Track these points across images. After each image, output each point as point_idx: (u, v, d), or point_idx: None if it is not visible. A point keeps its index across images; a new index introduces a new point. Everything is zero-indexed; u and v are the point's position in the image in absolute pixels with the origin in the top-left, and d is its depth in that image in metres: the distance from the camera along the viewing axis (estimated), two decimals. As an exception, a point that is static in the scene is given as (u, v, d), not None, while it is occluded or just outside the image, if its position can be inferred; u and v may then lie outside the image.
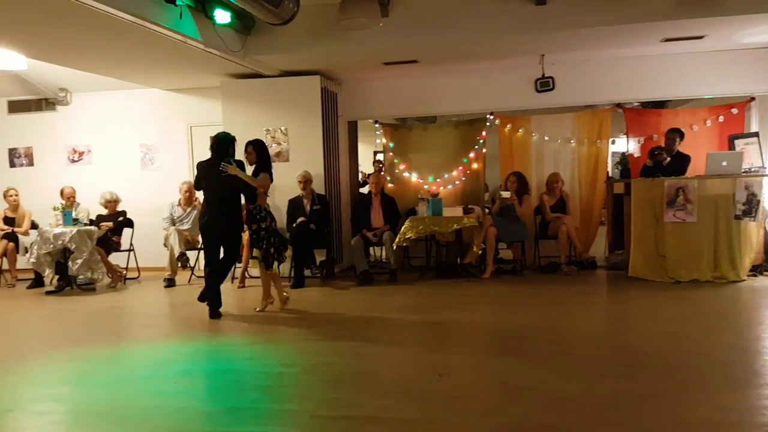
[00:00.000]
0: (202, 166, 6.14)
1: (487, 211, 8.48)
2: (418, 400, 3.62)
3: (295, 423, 3.35)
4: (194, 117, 9.28)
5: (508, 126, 8.79)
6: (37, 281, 8.17)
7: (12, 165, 9.76)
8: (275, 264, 6.22)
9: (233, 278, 8.05)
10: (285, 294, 6.45)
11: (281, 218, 8.10)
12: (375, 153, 12.77)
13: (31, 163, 9.73)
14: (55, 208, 7.98)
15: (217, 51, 6.88)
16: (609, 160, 9.05)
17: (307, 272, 7.84)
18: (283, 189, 8.17)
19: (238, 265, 7.89)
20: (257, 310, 6.30)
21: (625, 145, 8.87)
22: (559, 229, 7.90)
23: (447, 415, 3.39)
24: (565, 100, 8.54)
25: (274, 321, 6.00)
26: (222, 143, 6.07)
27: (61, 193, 8.34)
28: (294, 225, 7.81)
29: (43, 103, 9.56)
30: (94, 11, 5.27)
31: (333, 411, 3.50)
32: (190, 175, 9.12)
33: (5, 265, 8.49)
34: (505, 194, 8.00)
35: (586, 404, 3.46)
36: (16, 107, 9.66)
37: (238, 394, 3.91)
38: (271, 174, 6.21)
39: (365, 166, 11.62)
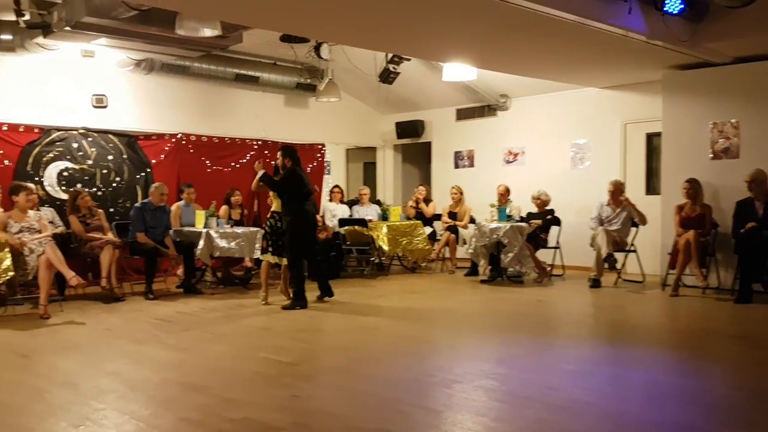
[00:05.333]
0: (300, 176, 6.67)
1: None
2: None
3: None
4: (629, 114, 8.97)
5: None
6: (473, 270, 8.98)
7: (456, 166, 11.01)
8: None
9: (664, 285, 7.48)
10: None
11: (726, 222, 7.18)
12: None
13: (471, 164, 10.82)
14: (491, 205, 8.65)
15: (661, 42, 6.55)
16: None
17: (757, 286, 6.73)
18: (729, 190, 7.22)
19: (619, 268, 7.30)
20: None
21: None
22: None
23: None
24: None
25: (711, 337, 5.40)
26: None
27: (497, 191, 8.99)
28: (742, 231, 6.79)
29: (485, 110, 10.51)
30: (541, 16, 5.55)
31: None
32: (620, 174, 8.86)
33: (447, 254, 9.61)
34: None
35: None
36: (462, 114, 10.86)
37: (679, 408, 3.55)
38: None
39: None
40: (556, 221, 8.65)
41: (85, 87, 8.29)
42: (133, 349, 5.00)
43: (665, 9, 6.14)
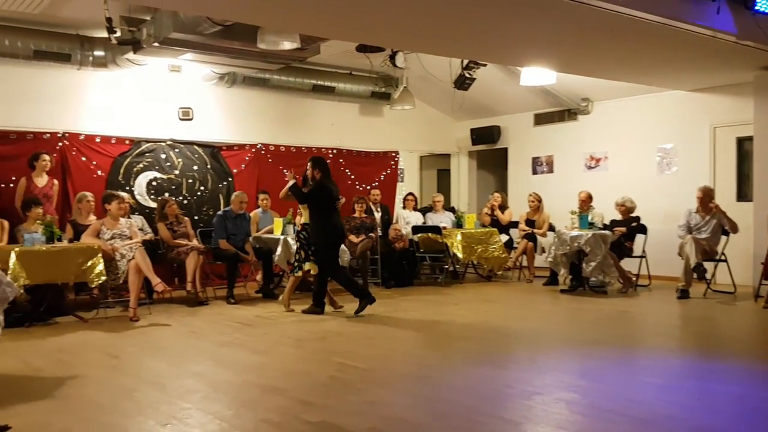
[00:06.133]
0: (330, 189, 6.62)
1: None
2: None
3: None
4: (718, 117, 8.54)
5: None
6: (552, 279, 8.75)
7: (534, 172, 10.79)
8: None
9: (757, 296, 7.05)
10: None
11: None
12: None
13: (550, 170, 10.57)
14: (572, 212, 8.40)
15: (752, 43, 6.26)
16: None
17: None
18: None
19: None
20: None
21: None
22: None
23: None
24: None
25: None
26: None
27: (578, 197, 8.72)
28: None
29: (565, 114, 10.26)
30: (624, 18, 5.40)
31: None
32: (709, 179, 8.44)
33: (524, 262, 9.41)
34: None
35: None
36: (541, 119, 10.64)
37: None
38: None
39: None
40: (642, 229, 8.32)
41: (172, 100, 8.67)
42: (216, 351, 5.17)
43: (756, 8, 5.89)
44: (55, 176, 7.41)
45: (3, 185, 7.19)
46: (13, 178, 7.19)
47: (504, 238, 9.36)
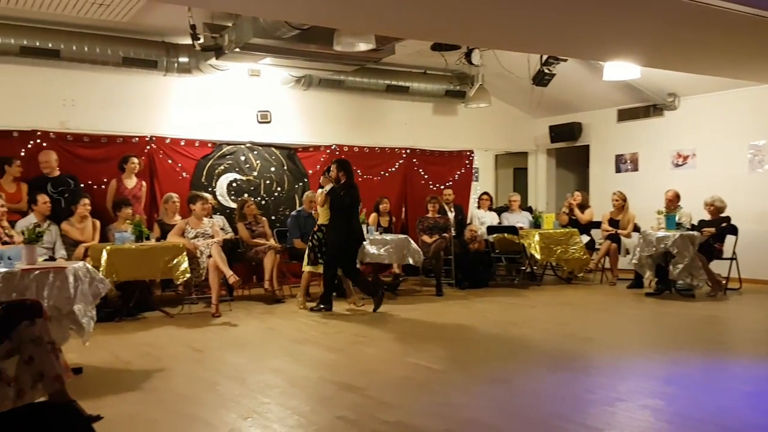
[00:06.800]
0: (355, 189, 6.72)
1: None
2: None
3: None
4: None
5: None
6: (637, 282, 8.39)
7: (618, 170, 10.40)
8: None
9: None
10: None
11: None
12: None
13: (635, 168, 10.17)
14: (658, 212, 8.04)
15: None
16: None
17: None
18: None
19: None
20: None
21: None
22: None
23: None
24: None
25: None
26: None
27: (665, 196, 8.33)
28: None
29: (650, 110, 9.83)
30: (715, 10, 5.09)
31: None
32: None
33: (607, 264, 9.08)
34: None
35: None
36: (624, 115, 10.24)
37: None
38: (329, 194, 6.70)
39: None
40: (732, 230, 7.86)
41: (252, 104, 8.90)
42: (293, 347, 5.26)
43: None
44: (143, 178, 7.75)
45: (95, 187, 7.58)
46: (105, 180, 7.57)
47: (585, 238, 9.07)
